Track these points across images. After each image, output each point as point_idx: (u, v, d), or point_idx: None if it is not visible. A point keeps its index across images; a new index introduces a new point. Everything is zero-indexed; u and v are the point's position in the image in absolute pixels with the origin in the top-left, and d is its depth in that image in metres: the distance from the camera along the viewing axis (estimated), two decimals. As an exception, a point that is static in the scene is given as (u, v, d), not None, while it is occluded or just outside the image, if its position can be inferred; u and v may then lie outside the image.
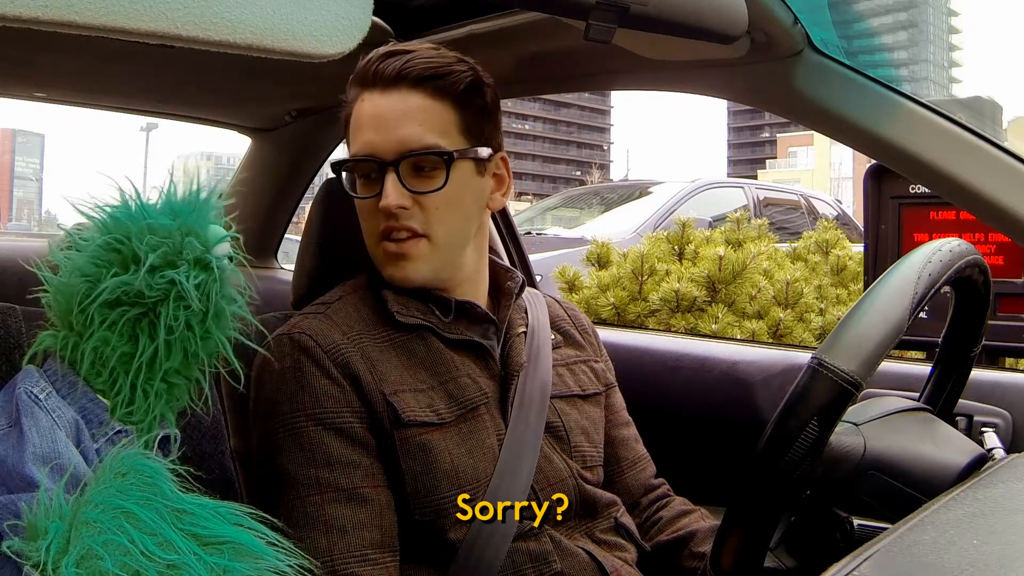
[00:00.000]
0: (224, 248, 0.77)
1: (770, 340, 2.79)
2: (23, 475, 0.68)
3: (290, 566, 0.70)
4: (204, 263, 0.75)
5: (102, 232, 0.75)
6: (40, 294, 0.76)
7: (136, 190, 0.76)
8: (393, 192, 0.97)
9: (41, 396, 0.72)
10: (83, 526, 0.64)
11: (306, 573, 0.71)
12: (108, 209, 0.76)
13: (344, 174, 1.07)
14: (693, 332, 2.80)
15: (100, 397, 0.74)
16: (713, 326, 2.81)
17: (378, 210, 0.98)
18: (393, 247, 0.99)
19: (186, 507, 0.68)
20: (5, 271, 1.39)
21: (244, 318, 0.80)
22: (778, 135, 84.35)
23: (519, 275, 1.11)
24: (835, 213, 6.66)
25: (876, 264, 1.65)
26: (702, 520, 1.15)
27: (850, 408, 0.79)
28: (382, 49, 1.00)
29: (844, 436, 0.87)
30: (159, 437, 0.77)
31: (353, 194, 1.02)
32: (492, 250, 1.14)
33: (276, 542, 0.71)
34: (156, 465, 0.70)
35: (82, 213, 0.76)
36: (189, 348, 0.75)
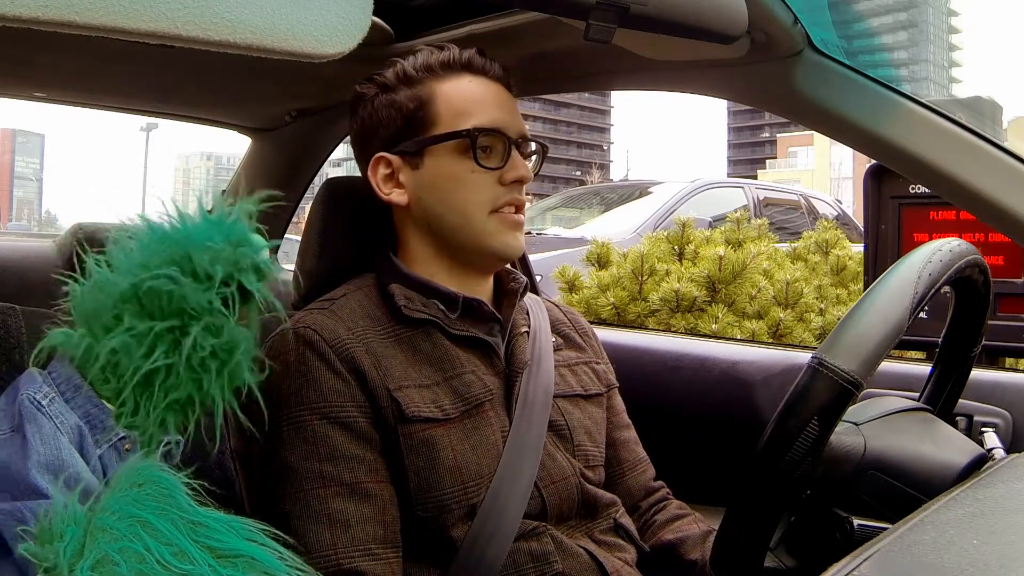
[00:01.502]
0: (267, 254, 0.79)
1: (770, 340, 2.79)
2: (28, 483, 0.68)
3: None
4: (259, 268, 0.76)
5: (154, 244, 0.75)
6: (69, 288, 0.76)
7: (177, 208, 0.78)
8: (525, 165, 1.05)
9: (44, 402, 0.72)
10: (99, 532, 0.65)
11: None
12: (158, 224, 0.77)
13: (444, 143, 1.04)
14: (693, 332, 2.80)
15: (105, 403, 0.74)
16: (713, 326, 2.81)
17: (496, 182, 1.03)
18: (515, 217, 1.05)
19: (201, 520, 0.69)
20: (5, 271, 1.39)
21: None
22: (778, 135, 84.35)
23: (522, 277, 1.12)
24: (835, 213, 6.66)
25: (876, 264, 1.65)
26: (695, 525, 1.15)
27: (850, 408, 0.79)
28: (466, 48, 1.06)
29: (844, 436, 0.87)
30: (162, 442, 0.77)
31: (480, 164, 1.02)
32: None
33: (288, 559, 0.72)
34: (172, 478, 0.71)
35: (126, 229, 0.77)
36: (195, 392, 0.75)
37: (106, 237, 0.80)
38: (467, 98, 1.03)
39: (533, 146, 1.08)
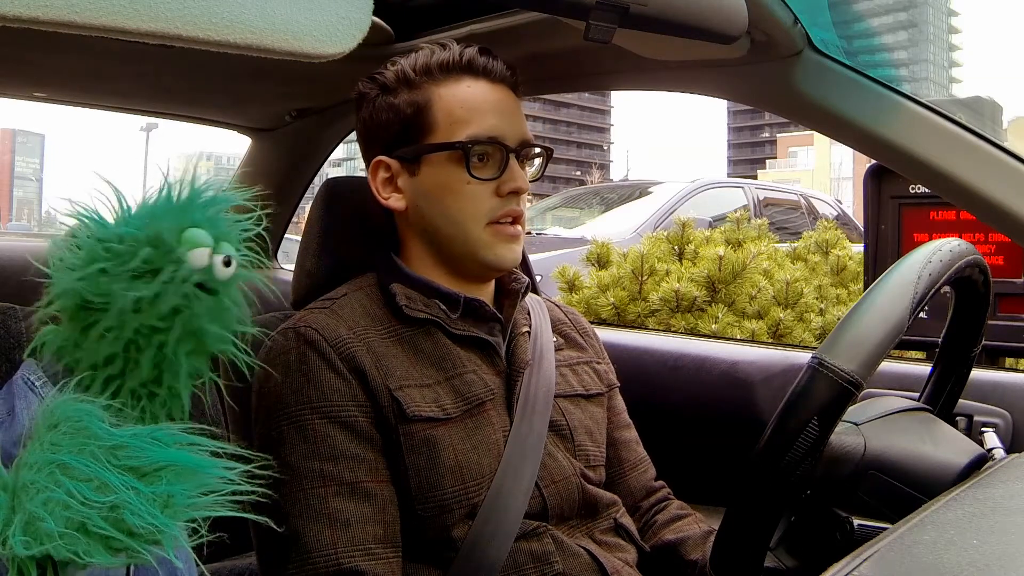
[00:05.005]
0: (198, 257, 0.71)
1: (770, 340, 2.79)
2: (11, 456, 0.67)
3: (236, 473, 0.67)
4: (155, 272, 0.69)
5: (96, 234, 0.73)
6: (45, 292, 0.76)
7: (119, 195, 0.73)
8: (522, 176, 1.03)
9: (37, 383, 0.71)
10: (22, 491, 0.62)
11: (252, 477, 0.68)
12: (91, 216, 0.73)
13: (437, 153, 1.03)
14: (693, 332, 2.80)
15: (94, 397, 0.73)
16: (713, 326, 2.81)
17: (493, 193, 1.02)
18: (512, 229, 1.03)
19: (120, 441, 0.65)
20: (5, 271, 1.39)
21: (244, 320, 0.78)
22: (778, 135, 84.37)
23: (524, 277, 1.12)
24: (835, 213, 6.66)
25: (876, 264, 1.65)
26: (696, 525, 1.15)
27: (850, 408, 0.79)
28: (468, 46, 1.04)
29: (844, 436, 0.88)
30: None
31: (473, 175, 1.00)
32: None
33: (219, 450, 0.68)
34: (86, 406, 0.67)
35: (77, 217, 0.75)
36: (163, 367, 0.71)
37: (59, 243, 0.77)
38: (464, 105, 1.02)
39: (536, 150, 1.07)
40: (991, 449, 0.92)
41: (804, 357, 1.42)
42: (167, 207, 0.73)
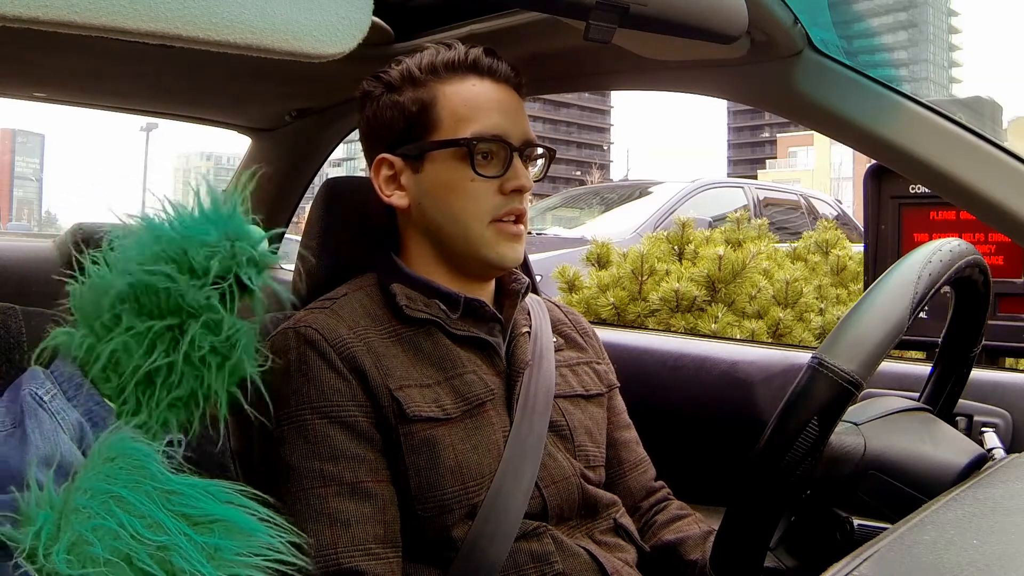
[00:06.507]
0: (266, 245, 0.78)
1: (770, 340, 2.79)
2: (26, 477, 0.68)
3: (282, 542, 0.70)
4: (257, 262, 0.76)
5: (151, 242, 0.75)
6: (69, 287, 0.76)
7: (174, 205, 0.77)
8: (525, 175, 1.03)
9: (46, 398, 0.72)
10: (72, 513, 0.64)
11: (297, 550, 0.71)
12: (157, 222, 0.76)
13: (441, 150, 1.03)
14: (693, 332, 2.80)
15: (106, 400, 0.74)
16: (713, 326, 2.81)
17: (496, 191, 1.02)
18: (514, 228, 1.04)
19: (175, 488, 0.68)
20: (5, 271, 1.39)
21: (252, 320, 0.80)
22: (778, 135, 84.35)
23: (524, 277, 1.12)
24: (835, 213, 6.66)
25: (876, 264, 1.65)
26: (695, 525, 1.15)
27: (850, 408, 0.79)
28: (474, 46, 1.05)
29: (844, 436, 0.88)
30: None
31: (478, 173, 1.01)
32: None
33: (268, 518, 0.70)
34: (145, 448, 0.69)
35: (123, 227, 0.77)
36: (197, 387, 0.74)
37: (105, 237, 0.79)
38: (469, 103, 1.02)
39: (539, 150, 1.07)
40: (991, 449, 0.92)
41: (804, 357, 1.42)
42: (217, 213, 0.77)
